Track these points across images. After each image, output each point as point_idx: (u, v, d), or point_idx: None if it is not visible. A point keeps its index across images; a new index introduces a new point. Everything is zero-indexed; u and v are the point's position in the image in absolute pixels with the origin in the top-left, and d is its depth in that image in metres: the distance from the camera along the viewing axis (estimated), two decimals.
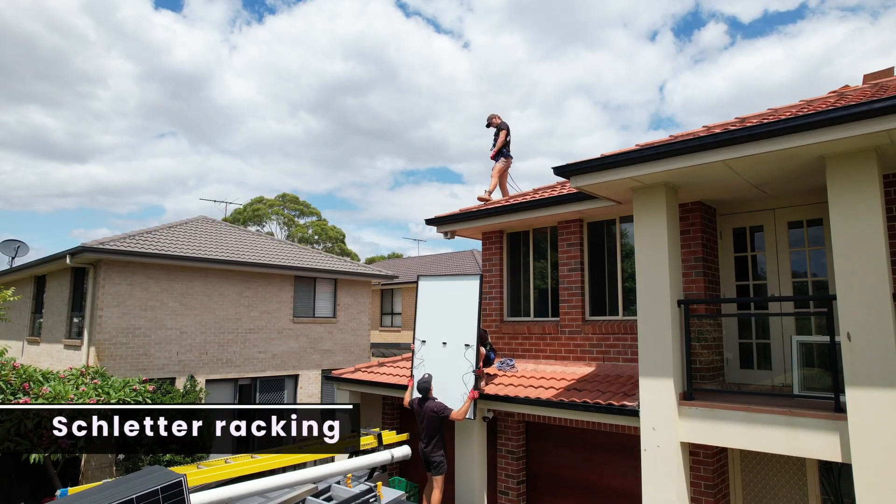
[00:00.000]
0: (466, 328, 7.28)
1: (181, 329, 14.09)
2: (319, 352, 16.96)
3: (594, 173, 5.73)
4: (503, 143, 9.50)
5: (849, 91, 6.23)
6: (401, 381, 8.42)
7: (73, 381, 11.74)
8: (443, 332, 7.60)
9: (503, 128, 9.54)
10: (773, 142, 4.72)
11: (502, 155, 9.57)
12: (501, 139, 9.46)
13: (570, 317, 7.64)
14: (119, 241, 13.20)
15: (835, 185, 4.80)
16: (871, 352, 4.51)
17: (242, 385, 15.36)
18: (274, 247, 17.78)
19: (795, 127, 4.55)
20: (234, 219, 56.23)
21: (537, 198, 7.58)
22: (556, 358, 7.76)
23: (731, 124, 6.26)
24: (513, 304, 8.56)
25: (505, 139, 9.53)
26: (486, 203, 8.66)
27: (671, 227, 5.82)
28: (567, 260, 7.74)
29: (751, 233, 6.84)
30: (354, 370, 9.54)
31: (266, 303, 15.86)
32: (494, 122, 9.71)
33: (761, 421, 5.08)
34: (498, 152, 9.46)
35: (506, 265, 8.64)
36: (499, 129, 9.56)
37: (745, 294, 6.81)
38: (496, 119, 9.70)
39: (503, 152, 9.59)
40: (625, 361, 7.13)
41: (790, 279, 6.50)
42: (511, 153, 9.68)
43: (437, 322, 7.71)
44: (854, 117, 4.31)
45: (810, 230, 6.48)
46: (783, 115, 5.90)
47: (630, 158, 5.44)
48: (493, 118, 9.72)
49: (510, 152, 9.67)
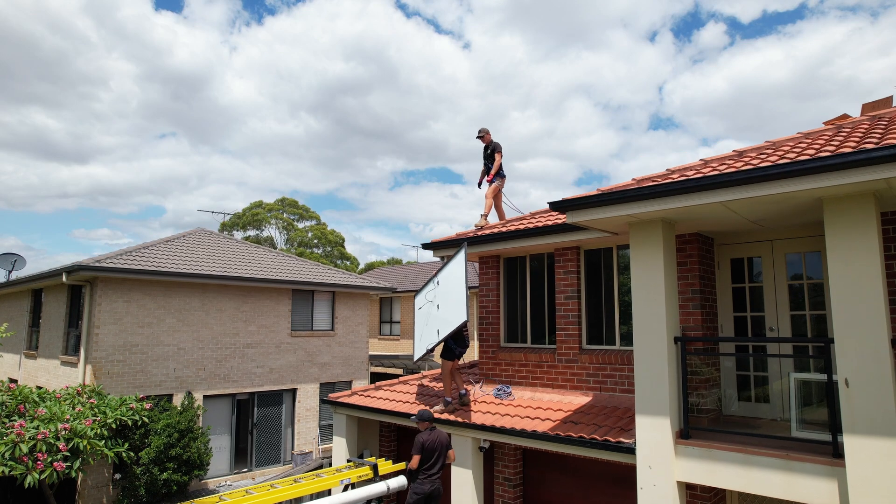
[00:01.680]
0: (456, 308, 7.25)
1: (178, 345, 14.05)
2: (318, 365, 16.92)
3: (590, 209, 5.69)
4: (499, 164, 9.35)
5: (846, 124, 6.19)
6: (398, 408, 8.37)
7: (70, 400, 11.69)
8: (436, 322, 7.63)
9: (498, 149, 9.38)
10: (770, 185, 4.67)
11: (499, 176, 9.44)
12: (498, 162, 9.32)
13: (567, 345, 7.59)
14: (115, 257, 13.15)
15: (833, 228, 4.75)
16: (870, 399, 4.47)
17: (240, 400, 15.32)
18: (272, 259, 17.73)
19: (793, 172, 4.50)
20: (233, 223, 56.21)
21: (533, 226, 7.53)
22: (553, 386, 7.70)
23: (728, 157, 6.23)
24: (510, 329, 8.50)
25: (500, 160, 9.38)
26: (482, 229, 8.61)
27: (668, 262, 5.77)
28: (564, 288, 7.68)
29: (749, 263, 6.79)
30: (351, 394, 9.49)
31: (264, 317, 15.81)
32: (487, 139, 9.51)
33: (758, 464, 5.03)
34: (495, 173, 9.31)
35: (503, 290, 8.58)
36: (494, 150, 9.38)
37: (742, 325, 6.76)
38: (489, 136, 9.52)
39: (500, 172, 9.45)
40: (622, 392, 7.07)
41: (788, 312, 6.45)
42: (504, 172, 9.54)
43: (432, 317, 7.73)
44: (852, 164, 4.25)
45: (809, 262, 6.43)
46: (781, 149, 5.86)
47: (626, 196, 5.40)
48: (486, 134, 9.53)
49: (503, 171, 9.53)
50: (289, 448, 16.21)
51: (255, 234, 57.34)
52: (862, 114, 6.79)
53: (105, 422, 11.26)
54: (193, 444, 12.64)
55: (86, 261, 12.33)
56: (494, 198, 9.34)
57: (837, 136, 5.79)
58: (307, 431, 16.50)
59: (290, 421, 16.32)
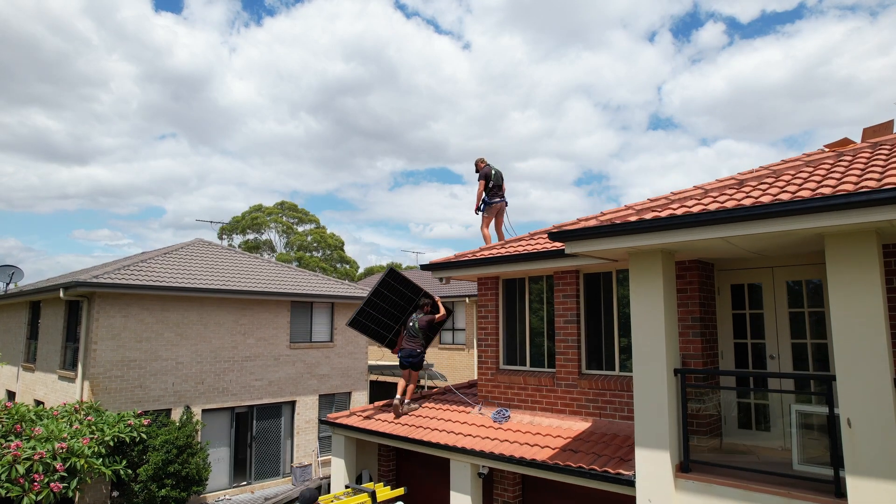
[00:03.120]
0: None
1: (177, 359, 13.99)
2: (317, 377, 16.86)
3: (589, 241, 5.64)
4: (481, 193, 9.42)
5: (847, 151, 6.13)
6: (396, 430, 8.31)
7: (67, 418, 11.64)
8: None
9: (480, 177, 9.47)
10: (771, 223, 4.62)
11: (486, 204, 9.47)
12: (479, 191, 9.40)
13: (567, 370, 7.53)
14: (113, 272, 13.09)
15: (834, 264, 4.70)
16: (873, 441, 4.41)
17: (239, 413, 15.26)
18: (270, 270, 17.68)
19: (795, 210, 4.45)
20: (233, 227, 56.16)
21: (532, 249, 7.47)
22: (552, 411, 7.65)
23: (728, 186, 6.17)
24: (508, 351, 8.45)
25: (485, 188, 9.45)
26: (481, 250, 8.56)
27: (668, 294, 5.72)
28: (563, 312, 7.63)
29: (749, 290, 6.74)
30: (350, 414, 9.43)
31: (262, 329, 15.76)
32: (480, 167, 9.60)
33: (759, 500, 4.98)
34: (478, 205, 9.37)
35: (501, 312, 8.53)
36: (479, 178, 9.46)
37: (743, 352, 6.71)
38: (481, 164, 9.60)
39: (486, 200, 9.49)
40: (621, 419, 7.02)
41: (789, 340, 6.40)
42: (503, 196, 9.55)
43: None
44: (855, 205, 4.20)
45: (809, 290, 6.37)
46: (783, 178, 5.81)
47: (626, 229, 5.35)
48: (478, 163, 9.63)
49: (503, 196, 9.55)
50: (288, 461, 16.15)
51: (254, 237, 57.34)
52: (863, 139, 6.74)
53: (103, 439, 11.21)
54: (192, 460, 12.58)
55: (83, 277, 12.28)
56: (495, 219, 9.41)
57: (839, 165, 5.74)
58: (306, 444, 16.44)
59: (289, 433, 16.26)
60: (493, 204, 9.53)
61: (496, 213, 9.62)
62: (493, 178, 9.70)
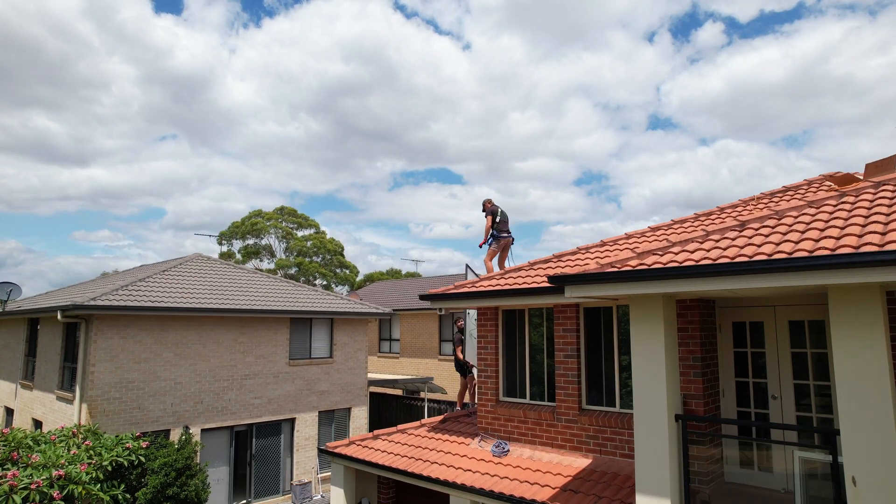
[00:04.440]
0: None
1: (176, 379, 13.93)
2: (316, 393, 16.80)
3: (590, 286, 5.58)
4: (489, 229, 9.93)
5: (850, 191, 6.06)
6: (395, 463, 8.25)
7: (65, 442, 11.58)
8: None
9: (487, 214, 9.94)
10: (774, 278, 4.56)
11: (495, 237, 9.78)
12: (487, 226, 9.92)
13: (567, 405, 7.47)
14: (111, 294, 13.03)
15: (838, 319, 4.63)
16: (878, 500, 4.35)
17: (238, 432, 15.20)
18: (269, 286, 17.61)
19: (798, 267, 4.39)
20: (232, 233, 56.09)
21: (532, 285, 7.41)
22: (552, 445, 7.59)
23: (730, 228, 6.07)
24: (508, 383, 8.39)
25: (493, 223, 9.78)
26: (480, 281, 8.50)
27: (668, 339, 5.66)
28: (563, 346, 7.57)
29: (751, 328, 6.67)
30: (349, 443, 9.36)
31: (261, 347, 15.70)
32: (487, 206, 9.98)
33: None
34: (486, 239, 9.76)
35: (501, 343, 8.47)
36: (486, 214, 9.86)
37: (744, 391, 6.65)
38: (488, 204, 9.98)
39: (494, 234, 9.80)
40: (622, 457, 6.96)
41: (791, 380, 6.33)
42: (510, 232, 9.89)
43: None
44: (858, 265, 4.14)
45: (812, 330, 6.31)
46: (785, 220, 5.74)
47: (626, 277, 5.29)
48: (486, 202, 10.03)
49: (510, 233, 9.89)
50: (288, 478, 16.09)
51: (254, 242, 57.27)
52: (865, 174, 6.68)
53: (101, 464, 11.14)
54: (191, 482, 12.50)
55: (81, 299, 12.21)
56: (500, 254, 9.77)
57: (841, 208, 5.68)
58: (306, 461, 16.38)
59: (288, 451, 16.20)
60: (502, 238, 9.99)
61: (503, 247, 10.00)
62: (499, 216, 10.14)
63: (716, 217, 8.61)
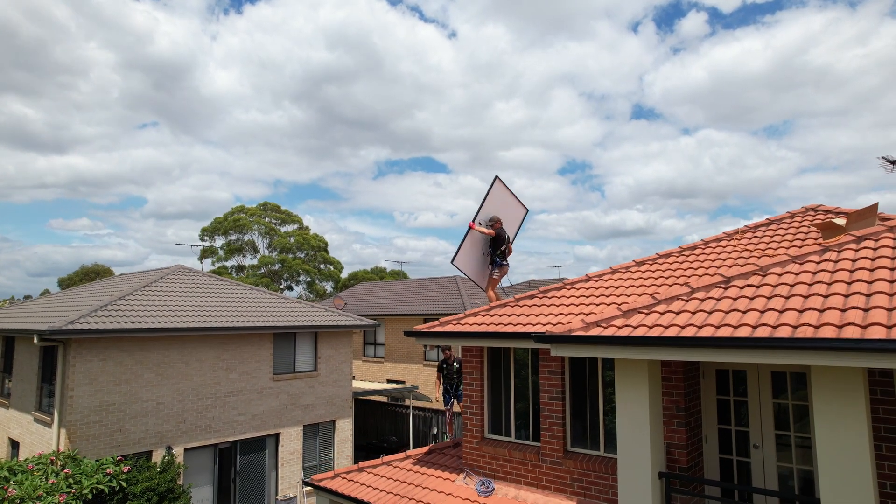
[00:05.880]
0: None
1: (157, 400, 13.75)
2: (301, 407, 16.72)
3: (576, 347, 5.59)
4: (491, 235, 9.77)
5: (832, 245, 6.10)
6: (379, 500, 8.22)
7: (43, 471, 11.38)
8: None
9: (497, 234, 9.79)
10: (759, 355, 4.59)
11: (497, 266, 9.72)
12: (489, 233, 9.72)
13: (552, 446, 7.49)
14: (90, 316, 12.78)
15: (820, 394, 4.68)
16: None
17: (222, 449, 15.08)
18: (253, 299, 17.42)
19: (782, 347, 4.41)
20: (214, 229, 55.44)
21: (516, 330, 7.39)
22: (537, 486, 7.61)
23: (716, 284, 6.09)
24: (494, 420, 8.39)
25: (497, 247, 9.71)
26: (466, 316, 8.47)
27: (653, 399, 5.70)
28: (548, 388, 7.58)
29: (734, 376, 6.73)
30: (334, 476, 9.32)
31: (245, 363, 15.55)
32: (496, 227, 9.83)
33: None
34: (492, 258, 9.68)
35: (486, 380, 8.46)
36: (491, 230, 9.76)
37: (727, 438, 6.72)
38: (497, 224, 9.84)
39: (497, 262, 9.73)
40: (606, 501, 7.00)
41: (773, 430, 6.40)
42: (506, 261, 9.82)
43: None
44: (842, 350, 4.17)
45: (794, 382, 6.37)
46: (770, 276, 5.77)
47: (611, 342, 5.29)
48: (496, 222, 9.87)
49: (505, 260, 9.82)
50: (273, 493, 16.04)
51: (237, 237, 56.64)
52: (848, 223, 6.73)
53: (80, 492, 10.98)
54: None
55: (59, 325, 11.95)
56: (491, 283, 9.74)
57: (824, 265, 5.73)
58: (291, 475, 16.33)
59: (273, 466, 16.13)
60: (504, 266, 9.85)
61: (502, 276, 9.94)
62: (505, 241, 9.98)
63: (700, 252, 8.66)
